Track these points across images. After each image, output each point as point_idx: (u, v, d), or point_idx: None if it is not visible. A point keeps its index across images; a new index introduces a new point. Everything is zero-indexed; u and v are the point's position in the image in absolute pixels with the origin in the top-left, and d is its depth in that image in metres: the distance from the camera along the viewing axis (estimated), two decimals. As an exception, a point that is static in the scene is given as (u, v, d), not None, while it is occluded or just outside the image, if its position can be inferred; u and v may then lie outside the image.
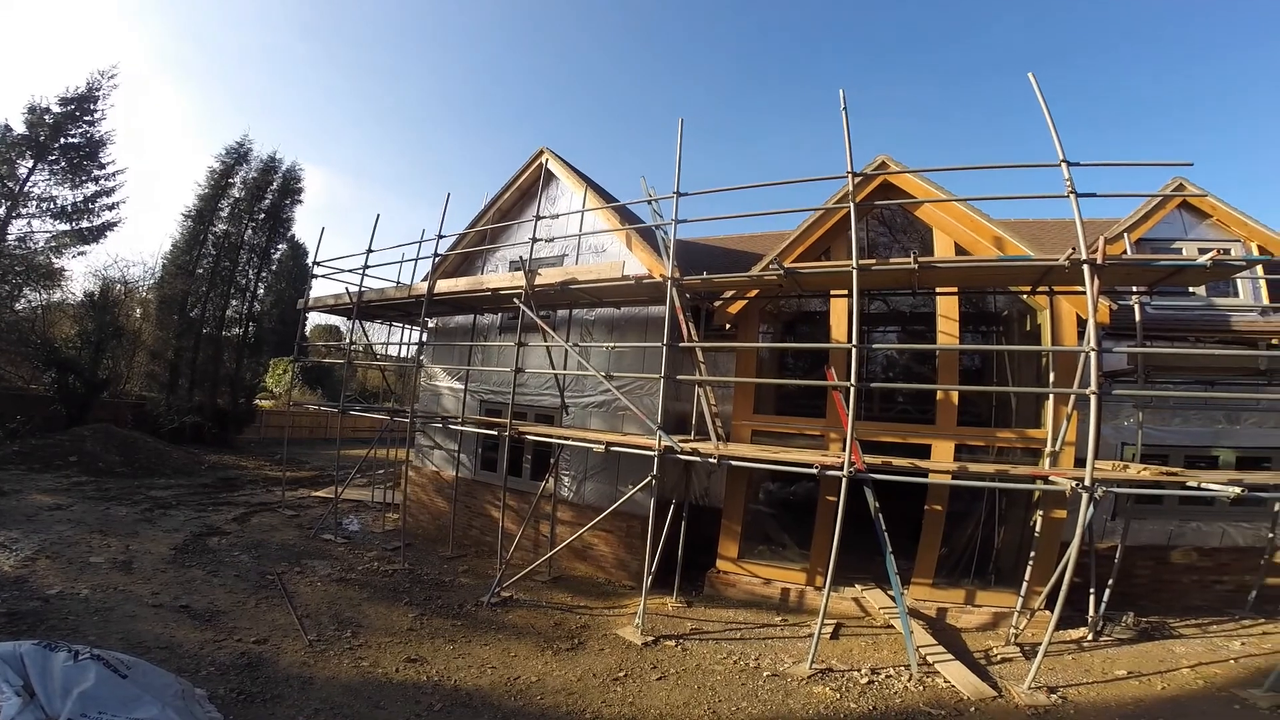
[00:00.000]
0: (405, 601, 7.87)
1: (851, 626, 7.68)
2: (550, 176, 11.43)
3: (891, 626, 7.37)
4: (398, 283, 12.14)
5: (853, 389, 6.54)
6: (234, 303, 24.71)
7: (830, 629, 7.39)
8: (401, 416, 10.60)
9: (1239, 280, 9.36)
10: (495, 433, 9.09)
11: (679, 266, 7.85)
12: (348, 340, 12.67)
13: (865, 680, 6.08)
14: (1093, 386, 5.68)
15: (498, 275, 10.30)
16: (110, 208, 21.63)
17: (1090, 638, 7.27)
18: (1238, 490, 5.69)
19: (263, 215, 24.99)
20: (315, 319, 36.75)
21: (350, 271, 12.15)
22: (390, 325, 13.64)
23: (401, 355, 14.92)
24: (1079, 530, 5.87)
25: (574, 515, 9.64)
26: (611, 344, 9.15)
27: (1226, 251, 8.39)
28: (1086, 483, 5.73)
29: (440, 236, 10.60)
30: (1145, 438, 8.02)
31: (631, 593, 8.40)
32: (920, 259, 6.75)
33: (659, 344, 7.60)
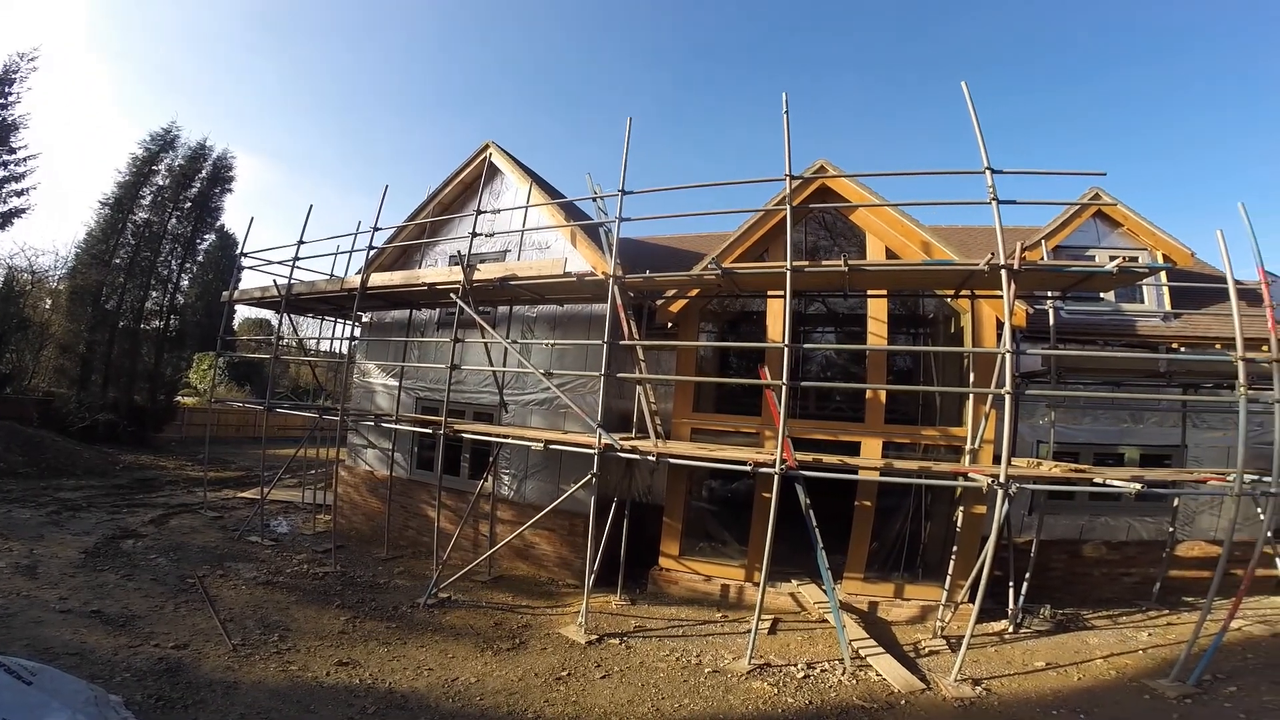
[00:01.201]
0: (337, 604, 7.63)
1: (789, 621, 7.82)
2: (495, 171, 11.24)
3: (826, 621, 7.54)
4: (331, 275, 11.71)
5: (784, 388, 6.68)
6: (154, 294, 23.29)
7: (768, 624, 7.52)
8: (332, 414, 10.21)
9: (1145, 287, 10.02)
10: (430, 431, 8.86)
11: (623, 265, 7.85)
12: (276, 335, 12.13)
13: (801, 675, 6.20)
14: (1007, 387, 5.97)
15: (435, 270, 10.04)
16: (19, 194, 20.20)
17: (1011, 630, 7.57)
18: (1138, 487, 6.08)
19: (189, 204, 23.64)
20: (246, 312, 35.11)
21: (280, 263, 11.63)
22: (322, 320, 13.13)
23: (334, 351, 14.44)
24: (995, 525, 6.15)
25: (515, 514, 9.52)
26: (552, 341, 9.08)
27: (1134, 259, 8.94)
28: (1001, 479, 6.01)
29: (376, 229, 10.28)
30: (1058, 436, 8.49)
31: (575, 592, 8.37)
32: (850, 262, 6.96)
33: (600, 342, 7.57)
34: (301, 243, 11.17)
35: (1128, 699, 5.83)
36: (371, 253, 10.77)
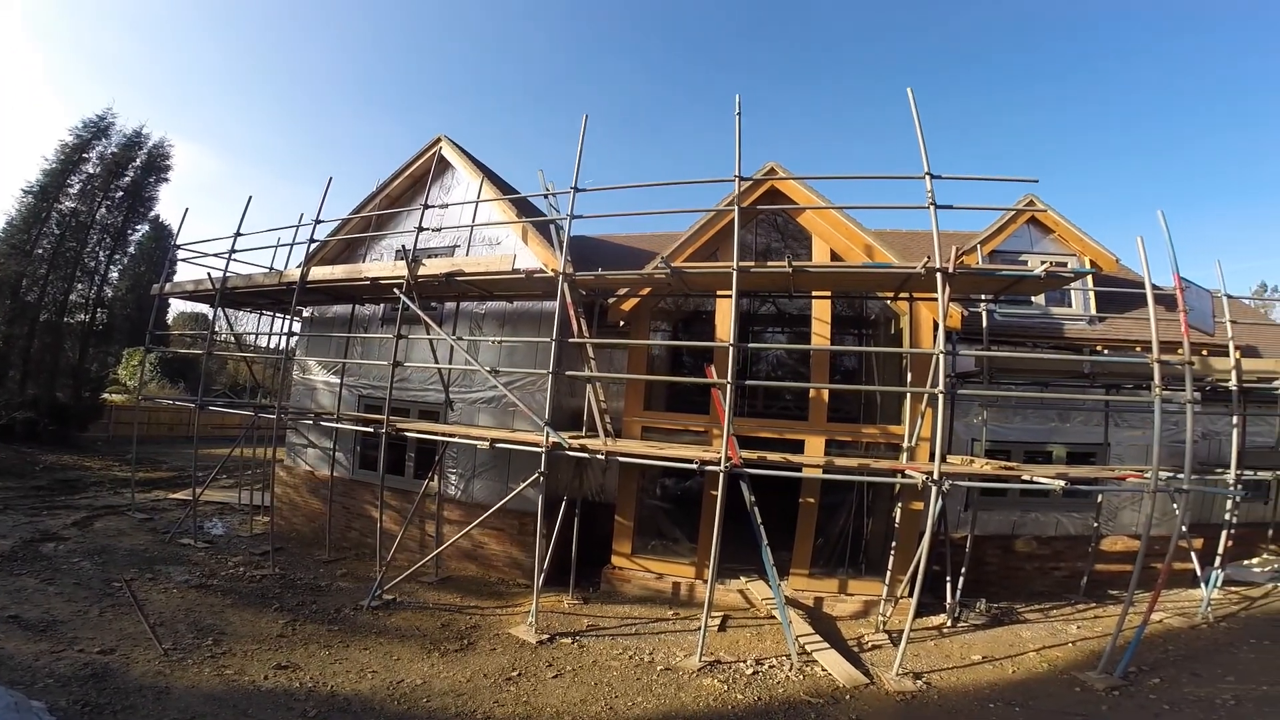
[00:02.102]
0: (275, 607, 7.42)
1: (738, 618, 7.91)
2: (446, 165, 11.06)
3: (774, 617, 7.64)
4: (271, 269, 11.30)
5: (729, 386, 6.75)
6: (80, 287, 21.96)
7: (718, 622, 7.60)
8: (268, 412, 9.84)
9: (1073, 291, 10.52)
10: (372, 430, 8.63)
11: (575, 262, 7.80)
12: (210, 330, 11.62)
13: (751, 671, 6.27)
14: (940, 386, 6.17)
15: (379, 264, 9.79)
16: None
17: (949, 624, 7.80)
18: (1062, 484, 6.35)
19: (121, 193, 22.36)
20: (182, 306, 33.55)
21: (216, 256, 11.15)
22: (260, 314, 12.64)
23: (274, 347, 13.91)
24: (929, 521, 6.35)
25: (462, 514, 9.36)
26: (499, 338, 8.95)
27: (1063, 265, 9.38)
28: (935, 477, 6.21)
29: (318, 221, 9.98)
30: (991, 434, 8.84)
31: (526, 592, 8.29)
32: (794, 263, 7.09)
33: (548, 339, 7.50)
34: (239, 234, 10.76)
35: (1059, 691, 6.03)
36: (313, 246, 10.43)
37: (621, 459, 7.40)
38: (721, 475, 6.66)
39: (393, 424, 8.28)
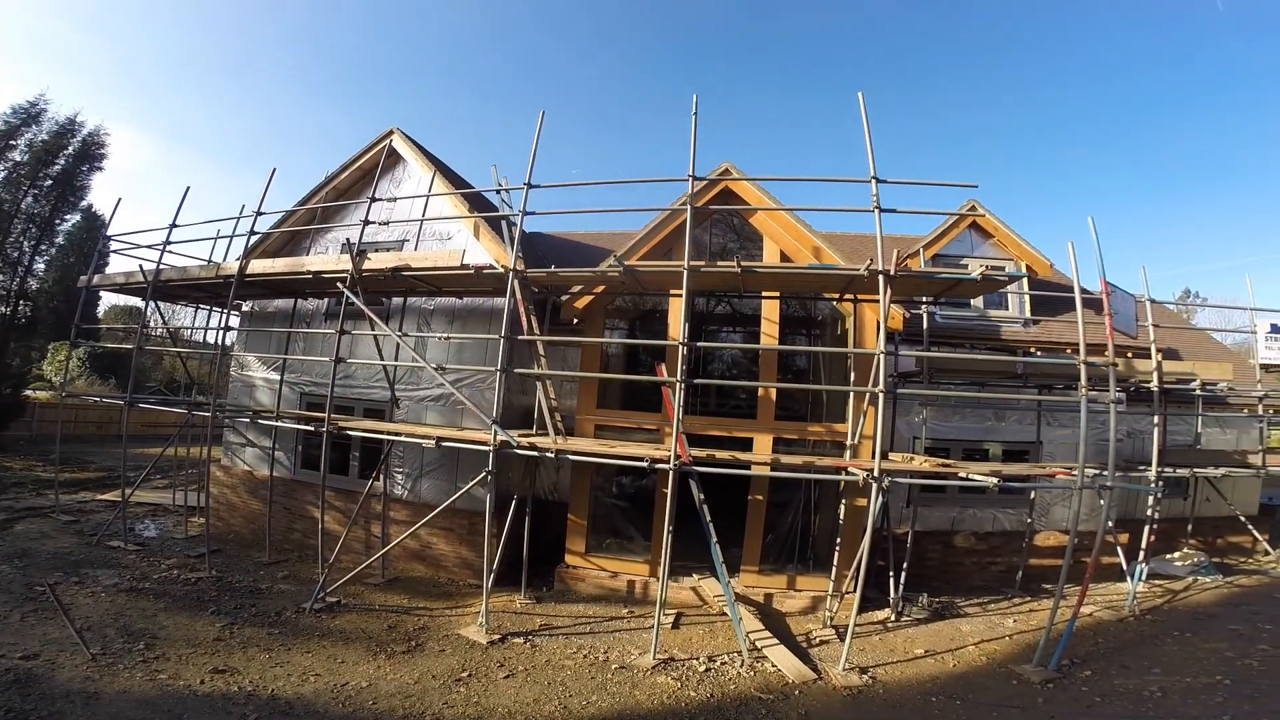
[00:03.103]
0: (212, 610, 7.19)
1: (691, 615, 7.96)
2: (398, 158, 10.82)
3: (726, 614, 7.69)
4: (209, 261, 10.86)
5: (679, 385, 6.78)
6: (1, 278, 20.73)
7: (672, 619, 7.65)
8: (203, 410, 9.44)
9: (1009, 295, 10.94)
10: (313, 429, 8.38)
11: (530, 259, 7.73)
12: (141, 324, 11.08)
13: (704, 668, 6.32)
14: (880, 386, 6.33)
15: (322, 258, 9.51)
16: None
17: (893, 619, 7.99)
18: (995, 481, 6.58)
19: (50, 181, 21.09)
20: (115, 300, 31.91)
21: (150, 247, 10.68)
22: (196, 308, 12.14)
23: (210, 342, 13.34)
24: (871, 518, 6.51)
25: (410, 514, 9.17)
26: (446, 335, 8.78)
27: (1001, 269, 9.74)
28: (876, 474, 6.37)
29: (259, 213, 9.63)
30: (931, 432, 9.10)
31: (476, 592, 8.18)
32: (743, 264, 7.18)
33: (496, 336, 7.39)
34: (175, 225, 10.32)
35: (997, 684, 6.21)
36: (254, 239, 10.06)
37: (571, 457, 7.37)
38: (671, 473, 6.69)
39: (335, 422, 8.05)
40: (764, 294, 8.88)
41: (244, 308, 11.31)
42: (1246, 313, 10.16)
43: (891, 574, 8.39)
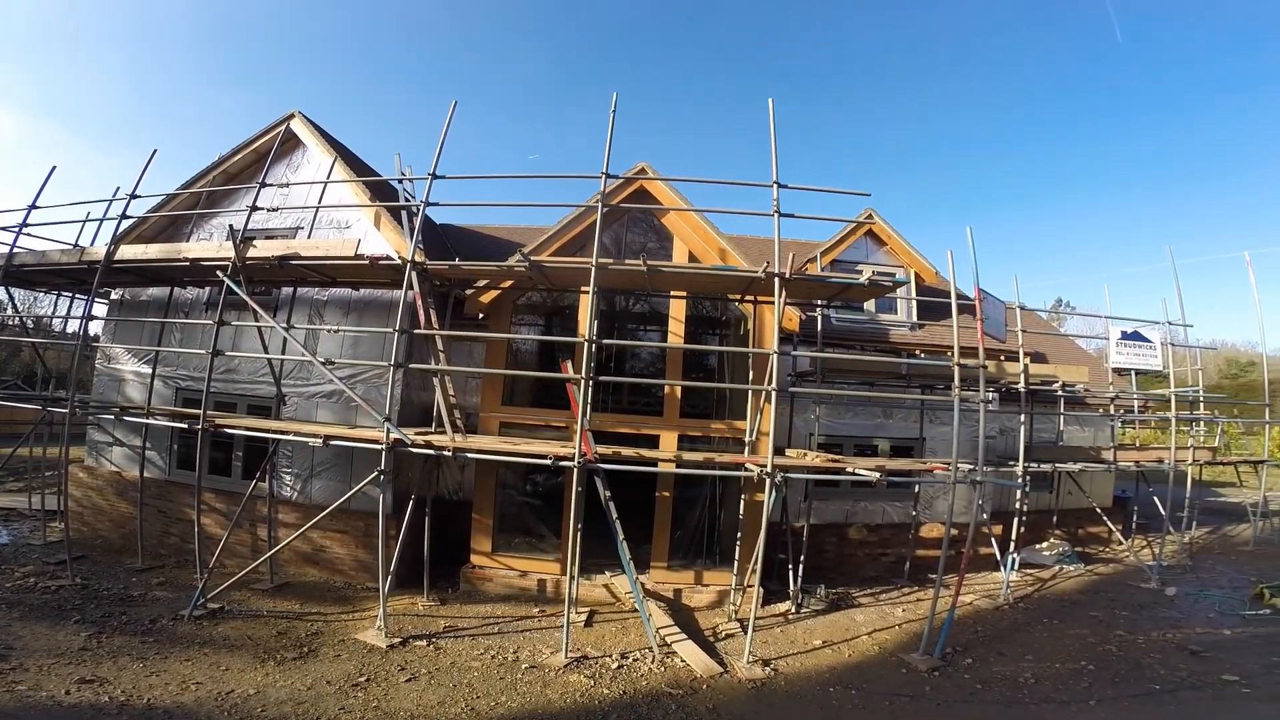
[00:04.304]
0: (76, 619, 6.68)
1: (604, 613, 7.98)
2: (297, 142, 10.27)
3: (639, 611, 7.81)
4: (75, 245, 9.91)
5: (583, 382, 6.78)
6: None
7: (584, 617, 7.65)
8: (60, 406, 8.58)
9: (899, 300, 11.61)
10: (187, 426, 7.80)
11: (438, 251, 7.49)
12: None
13: (616, 665, 6.35)
14: (772, 384, 6.57)
15: (203, 244, 8.89)
16: None
17: (793, 611, 8.29)
18: (877, 475, 6.96)
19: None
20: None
21: (5, 229, 9.64)
22: (58, 296, 11.03)
23: (72, 332, 12.16)
24: (765, 512, 6.72)
25: (299, 517, 8.69)
26: (336, 328, 8.39)
27: (891, 275, 10.33)
28: (769, 469, 6.60)
29: (134, 196, 8.86)
30: (825, 429, 9.55)
31: (375, 595, 7.88)
32: (649, 263, 7.26)
33: (389, 330, 7.13)
34: (35, 206, 9.39)
35: (889, 673, 6.55)
36: (128, 223, 9.25)
37: (471, 456, 7.21)
38: (575, 471, 6.69)
39: (212, 419, 7.51)
40: (672, 293, 9.02)
41: (113, 296, 10.39)
42: (1103, 321, 11.22)
43: (791, 567, 8.70)
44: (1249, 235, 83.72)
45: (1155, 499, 11.44)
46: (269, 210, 8.69)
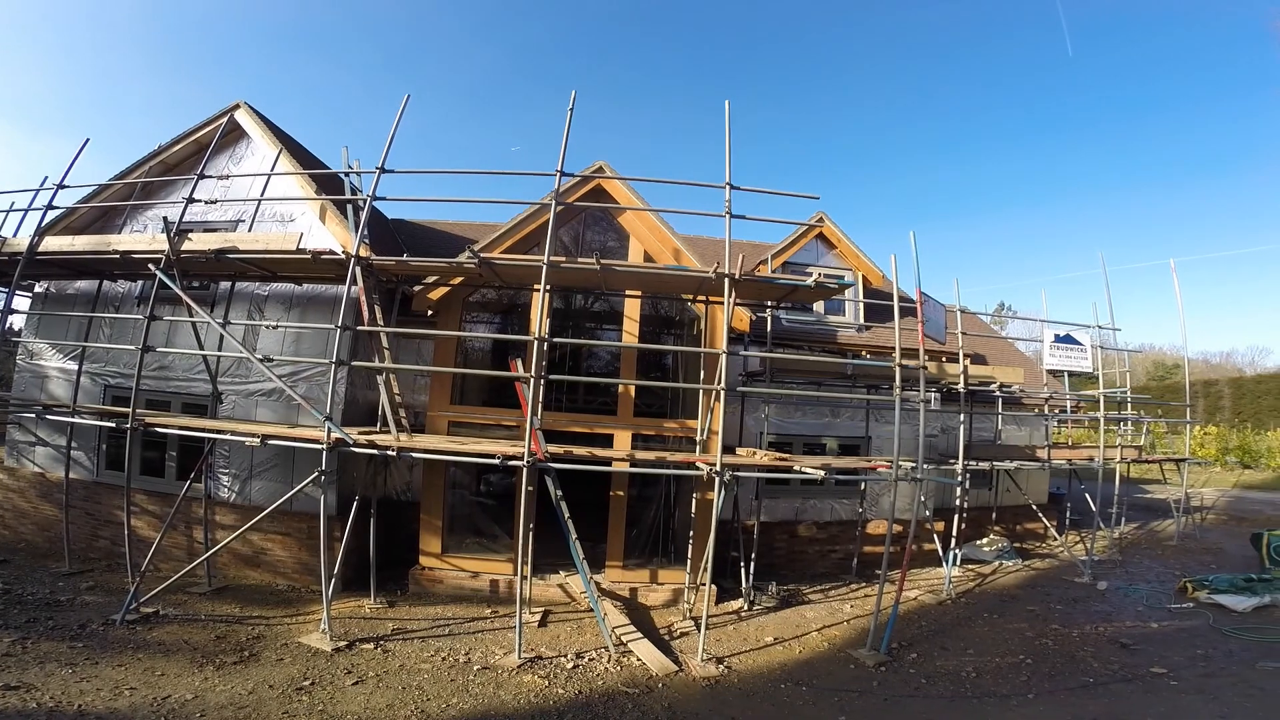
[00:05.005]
0: None
1: (559, 612, 7.93)
2: (242, 133, 9.94)
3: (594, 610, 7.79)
4: (-3, 235, 9.36)
5: (533, 380, 6.74)
6: None
7: (539, 617, 7.59)
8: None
9: (847, 302, 11.90)
10: (115, 425, 7.46)
11: (388, 246, 7.33)
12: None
13: (571, 665, 6.31)
14: (721, 384, 6.65)
15: (134, 236, 8.49)
16: None
17: (746, 608, 8.38)
18: (822, 473, 7.12)
19: None
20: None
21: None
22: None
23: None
24: (715, 510, 6.80)
25: (239, 518, 8.39)
26: (276, 324, 8.15)
27: (840, 277, 10.57)
28: (718, 468, 6.68)
29: (62, 185, 8.46)
30: (776, 428, 9.72)
31: (320, 598, 7.68)
32: (602, 261, 7.27)
33: (331, 326, 6.95)
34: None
35: (838, 669, 6.66)
36: (56, 213, 8.82)
37: (415, 455, 7.08)
38: (524, 470, 6.63)
39: (142, 419, 7.20)
40: (627, 293, 9.05)
41: (37, 289, 9.87)
42: (1039, 324, 11.70)
43: (744, 565, 8.80)
44: (1176, 243, 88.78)
45: (1087, 496, 11.93)
46: (207, 203, 8.39)
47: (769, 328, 9.46)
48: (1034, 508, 11.95)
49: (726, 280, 6.99)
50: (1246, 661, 6.96)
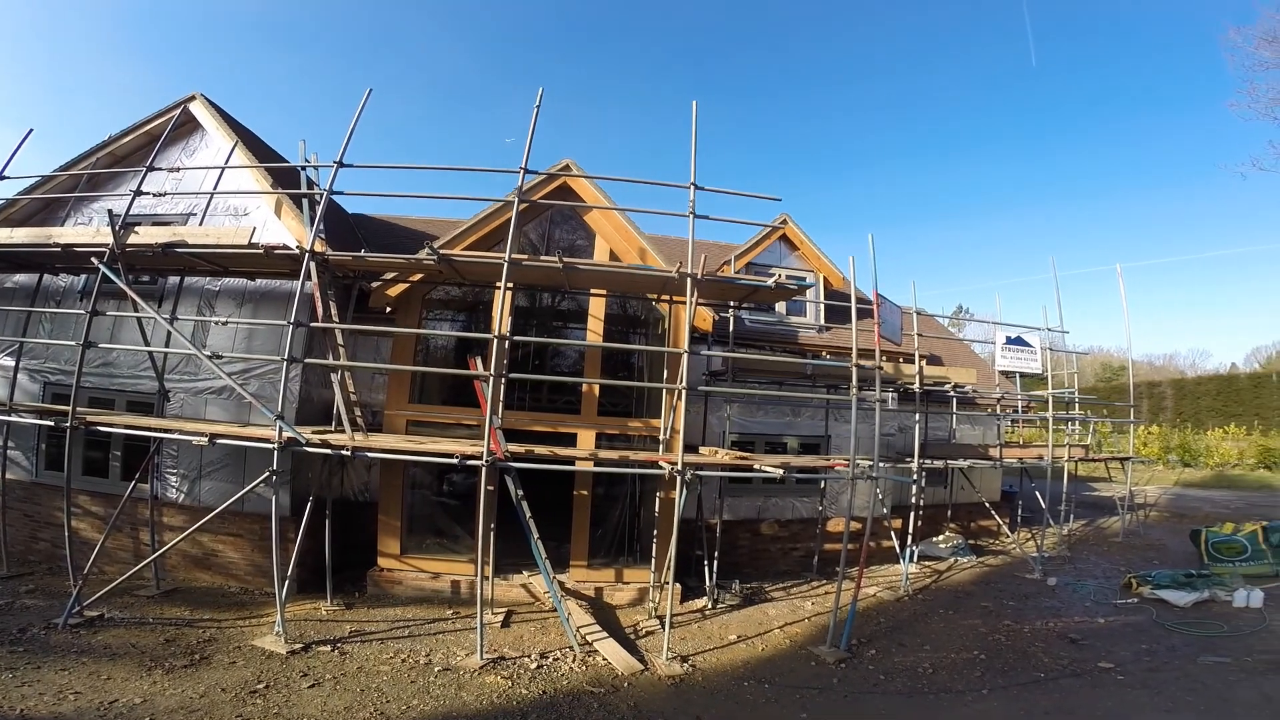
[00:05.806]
0: None
1: (522, 612, 7.87)
2: (196, 125, 9.63)
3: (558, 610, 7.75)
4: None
5: (493, 379, 6.69)
6: None
7: (502, 617, 7.53)
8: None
9: (808, 303, 12.09)
10: (54, 423, 7.17)
11: (349, 242, 7.18)
12: None
13: (535, 665, 6.26)
14: (683, 383, 6.70)
15: (77, 229, 8.21)
16: None
17: (710, 606, 8.43)
18: (780, 472, 7.23)
19: None
20: None
21: None
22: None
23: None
24: (677, 508, 6.83)
25: (188, 519, 8.13)
26: (226, 320, 7.94)
27: (802, 279, 10.70)
28: (679, 467, 6.71)
29: (2, 177, 8.14)
30: (739, 427, 9.82)
31: (274, 600, 7.51)
32: (565, 260, 7.23)
33: (284, 322, 6.79)
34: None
35: (799, 666, 6.73)
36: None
37: (371, 455, 6.96)
38: (483, 469, 6.57)
39: (82, 417, 6.93)
40: (592, 291, 9.03)
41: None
42: (993, 326, 12.06)
43: (707, 563, 8.84)
44: (1122, 248, 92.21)
45: (1038, 494, 12.29)
46: (155, 195, 8.13)
47: (732, 328, 9.56)
48: (987, 505, 12.26)
49: (689, 280, 7.03)
50: (1188, 656, 7.17)
